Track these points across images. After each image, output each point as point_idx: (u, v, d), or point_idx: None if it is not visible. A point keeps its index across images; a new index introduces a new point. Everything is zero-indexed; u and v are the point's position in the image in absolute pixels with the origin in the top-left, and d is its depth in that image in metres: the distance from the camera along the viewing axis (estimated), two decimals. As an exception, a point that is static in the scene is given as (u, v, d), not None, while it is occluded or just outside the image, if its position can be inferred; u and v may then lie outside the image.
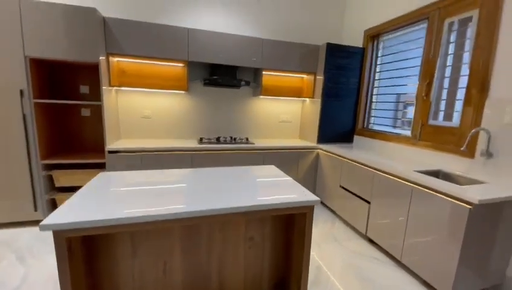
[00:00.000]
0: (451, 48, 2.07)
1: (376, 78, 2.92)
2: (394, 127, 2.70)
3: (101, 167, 2.34)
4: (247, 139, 2.98)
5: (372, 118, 2.98)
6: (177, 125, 2.95)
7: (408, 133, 2.44)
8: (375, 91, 2.94)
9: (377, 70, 2.90)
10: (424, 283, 1.69)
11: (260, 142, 2.93)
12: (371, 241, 2.19)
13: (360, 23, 3.04)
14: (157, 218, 0.98)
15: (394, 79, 2.67)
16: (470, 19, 1.91)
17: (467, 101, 1.89)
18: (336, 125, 3.04)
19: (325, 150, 2.82)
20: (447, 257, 1.48)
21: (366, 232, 2.18)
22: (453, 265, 1.45)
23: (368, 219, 2.14)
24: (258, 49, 2.75)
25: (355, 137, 3.12)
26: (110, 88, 2.44)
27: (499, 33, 1.69)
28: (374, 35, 2.86)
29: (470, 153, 1.85)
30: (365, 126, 3.05)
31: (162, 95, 2.84)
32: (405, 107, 2.62)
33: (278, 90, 3.14)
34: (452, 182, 1.87)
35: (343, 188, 2.49)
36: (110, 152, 2.29)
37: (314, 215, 2.65)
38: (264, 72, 2.89)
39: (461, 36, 2.00)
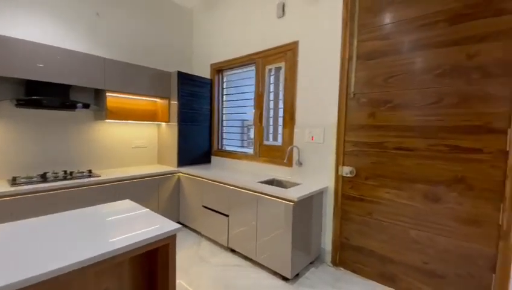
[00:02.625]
0: (272, 87, 2.78)
1: (224, 106, 3.36)
2: (242, 147, 3.21)
3: None
4: (89, 171, 2.49)
5: (224, 139, 3.39)
6: (-37, 162, 2.00)
7: (251, 151, 2.97)
8: (224, 117, 3.37)
9: (224, 99, 3.36)
10: (274, 273, 2.08)
11: (109, 173, 2.54)
12: (233, 251, 2.44)
13: (207, 58, 3.43)
14: None
15: (238, 107, 3.20)
16: (280, 67, 2.66)
17: (284, 126, 2.59)
18: (194, 148, 3.18)
19: (185, 173, 2.87)
20: (284, 246, 1.92)
21: (227, 244, 2.40)
22: (288, 250, 1.90)
23: (228, 231, 2.38)
24: (99, 68, 2.43)
25: (213, 157, 3.40)
26: None
27: (297, 80, 2.47)
28: (218, 70, 3.31)
29: (289, 163, 2.53)
30: (219, 147, 3.40)
31: None
32: (248, 130, 3.19)
33: (129, 113, 2.87)
34: (282, 186, 2.46)
35: (205, 207, 2.63)
36: None
37: (180, 240, 2.61)
38: (108, 94, 2.58)
39: (277, 79, 2.74)
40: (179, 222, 3.02)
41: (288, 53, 2.51)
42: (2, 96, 2.13)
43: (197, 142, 3.22)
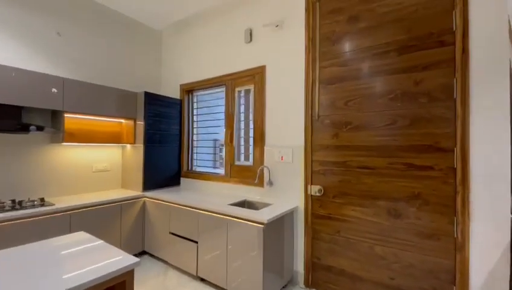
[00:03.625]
0: (242, 108, 2.82)
1: (195, 126, 3.31)
2: (214, 167, 3.14)
3: None
4: (42, 199, 2.25)
5: (195, 160, 3.30)
6: None
7: (223, 172, 2.92)
8: (195, 137, 3.31)
9: (194, 119, 3.32)
10: (245, 300, 1.98)
11: (65, 201, 2.32)
12: (203, 280, 2.29)
13: (176, 79, 3.41)
14: None
15: (210, 127, 3.16)
16: (250, 90, 2.72)
17: (255, 146, 2.60)
18: (161, 170, 3.05)
19: (151, 198, 2.72)
20: (256, 271, 1.86)
21: (197, 273, 2.26)
22: (259, 276, 1.83)
23: (197, 259, 2.25)
24: (57, 89, 2.29)
25: (182, 179, 3.27)
26: None
27: (266, 101, 2.53)
28: (188, 90, 3.29)
29: (260, 183, 2.51)
30: (189, 168, 3.30)
31: None
32: (220, 150, 3.15)
33: (90, 135, 2.69)
34: (253, 208, 2.42)
35: (173, 234, 2.48)
36: None
37: (144, 271, 2.41)
38: (67, 115, 2.42)
39: (247, 100, 2.78)
40: (143, 251, 2.80)
41: (256, 76, 2.58)
42: None
43: (165, 164, 3.10)
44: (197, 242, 2.26)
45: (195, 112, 3.32)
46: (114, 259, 1.14)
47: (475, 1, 1.58)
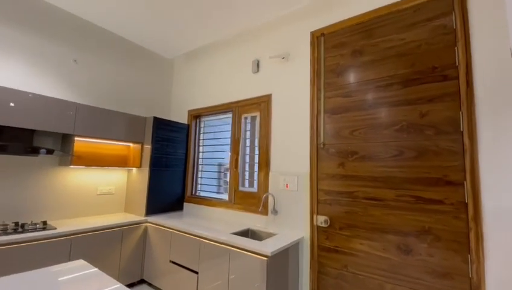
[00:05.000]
0: (248, 134, 2.85)
1: (200, 150, 3.34)
2: (218, 193, 3.11)
3: None
4: (44, 223, 2.23)
5: (199, 185, 3.29)
6: None
7: (227, 197, 2.89)
8: (200, 161, 3.33)
9: (201, 143, 3.36)
10: (246, 340, 1.85)
11: (67, 225, 2.30)
12: (202, 314, 2.17)
13: (185, 104, 3.51)
14: None
15: (215, 152, 3.19)
16: (256, 116, 2.77)
17: (259, 173, 2.59)
18: (165, 194, 3.03)
19: (153, 223, 2.67)
20: (258, 308, 1.75)
21: (196, 306, 2.15)
22: (262, 314, 1.73)
23: (197, 291, 2.15)
24: (69, 113, 2.38)
25: (185, 204, 3.24)
26: None
27: (271, 129, 2.56)
28: (196, 115, 3.37)
29: (265, 211, 2.46)
30: (193, 193, 3.27)
31: None
32: (225, 175, 3.14)
33: (97, 158, 2.74)
34: (257, 237, 2.35)
35: (173, 262, 2.40)
36: None
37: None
38: (77, 139, 2.49)
39: (253, 127, 2.82)
40: (142, 280, 2.70)
41: (262, 104, 2.64)
42: (-47, 140, 1.97)
43: (170, 188, 3.09)
44: (197, 273, 2.17)
45: (201, 136, 3.37)
46: (111, 293, 1.10)
47: (477, 36, 1.63)
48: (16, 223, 2.13)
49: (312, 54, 2.31)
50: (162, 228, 2.56)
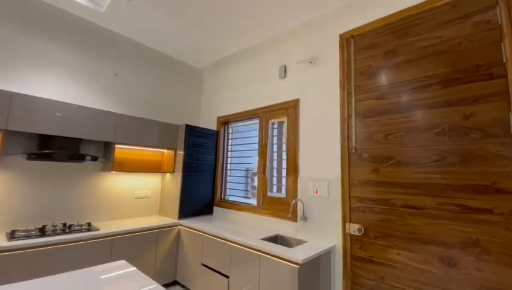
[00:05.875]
0: (275, 139, 2.86)
1: (229, 155, 3.42)
2: (246, 197, 3.15)
3: None
4: (89, 224, 2.43)
5: (228, 189, 3.35)
6: (-35, 215, 2.00)
7: (255, 202, 2.91)
8: (229, 167, 3.40)
9: (229, 149, 3.43)
10: None
11: (108, 226, 2.48)
12: (233, 318, 2.20)
13: (213, 111, 3.62)
14: None
15: (243, 157, 3.24)
16: (283, 122, 2.77)
17: (288, 178, 2.57)
18: (196, 198, 3.13)
19: (186, 226, 2.77)
20: (289, 316, 1.73)
21: (227, 310, 2.18)
22: (294, 322, 1.70)
23: (229, 295, 2.18)
24: (110, 123, 2.58)
25: (215, 208, 3.32)
26: None
27: (299, 134, 2.54)
28: (224, 122, 3.46)
29: (294, 218, 2.44)
30: (222, 197, 3.34)
31: None
32: (252, 180, 3.18)
33: (135, 164, 2.95)
34: (286, 244, 2.33)
35: (204, 265, 2.46)
36: None
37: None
38: (117, 146, 2.68)
39: (280, 132, 2.82)
40: (175, 281, 2.81)
41: (290, 109, 2.64)
42: (15, 150, 2.23)
43: (200, 192, 3.19)
44: (228, 277, 2.21)
45: (229, 142, 3.45)
46: (152, 293, 1.16)
47: (528, 32, 1.49)
48: (64, 224, 2.34)
49: (341, 57, 2.26)
50: (194, 231, 2.65)
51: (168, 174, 3.19)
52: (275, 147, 2.84)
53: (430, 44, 1.81)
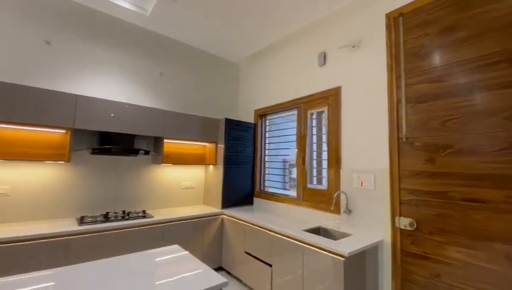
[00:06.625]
0: (314, 130, 2.79)
1: (266, 148, 3.44)
2: (284, 189, 3.15)
3: None
4: (144, 212, 2.69)
5: (266, 181, 3.39)
6: (51, 202, 2.36)
7: (294, 193, 2.90)
8: (267, 158, 3.43)
9: (267, 141, 3.45)
10: (323, 338, 1.84)
11: (160, 214, 2.71)
12: (276, 305, 2.25)
13: (251, 104, 3.66)
14: None
15: (280, 149, 3.23)
16: (323, 112, 2.69)
17: (329, 170, 2.50)
18: (237, 189, 3.24)
19: (229, 215, 2.90)
20: (335, 308, 1.71)
21: (271, 297, 2.24)
22: (340, 315, 1.68)
23: (272, 282, 2.24)
24: (159, 119, 2.78)
25: (255, 199, 3.39)
26: None
27: (341, 123, 2.44)
28: (261, 114, 3.48)
29: (337, 210, 2.37)
30: (261, 189, 3.40)
31: (29, 166, 2.28)
32: (290, 172, 3.16)
33: (181, 157, 3.16)
34: (329, 236, 2.29)
35: (247, 253, 2.55)
36: None
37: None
38: (165, 141, 2.89)
39: (319, 122, 2.74)
40: (220, 267, 2.96)
41: (330, 98, 2.54)
42: (82, 146, 2.54)
43: (241, 184, 3.28)
44: (271, 266, 2.26)
45: (267, 134, 3.46)
46: (206, 278, 1.25)
47: None
48: (124, 211, 2.62)
49: (388, 38, 2.09)
50: (237, 220, 2.75)
51: (211, 166, 3.34)
52: (314, 138, 2.78)
53: (500, 15, 1.57)
